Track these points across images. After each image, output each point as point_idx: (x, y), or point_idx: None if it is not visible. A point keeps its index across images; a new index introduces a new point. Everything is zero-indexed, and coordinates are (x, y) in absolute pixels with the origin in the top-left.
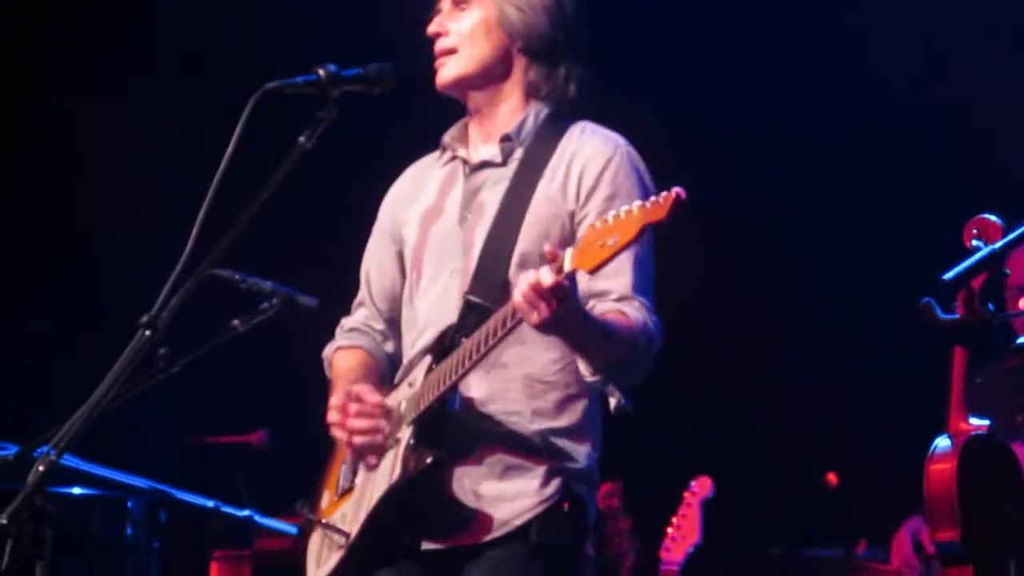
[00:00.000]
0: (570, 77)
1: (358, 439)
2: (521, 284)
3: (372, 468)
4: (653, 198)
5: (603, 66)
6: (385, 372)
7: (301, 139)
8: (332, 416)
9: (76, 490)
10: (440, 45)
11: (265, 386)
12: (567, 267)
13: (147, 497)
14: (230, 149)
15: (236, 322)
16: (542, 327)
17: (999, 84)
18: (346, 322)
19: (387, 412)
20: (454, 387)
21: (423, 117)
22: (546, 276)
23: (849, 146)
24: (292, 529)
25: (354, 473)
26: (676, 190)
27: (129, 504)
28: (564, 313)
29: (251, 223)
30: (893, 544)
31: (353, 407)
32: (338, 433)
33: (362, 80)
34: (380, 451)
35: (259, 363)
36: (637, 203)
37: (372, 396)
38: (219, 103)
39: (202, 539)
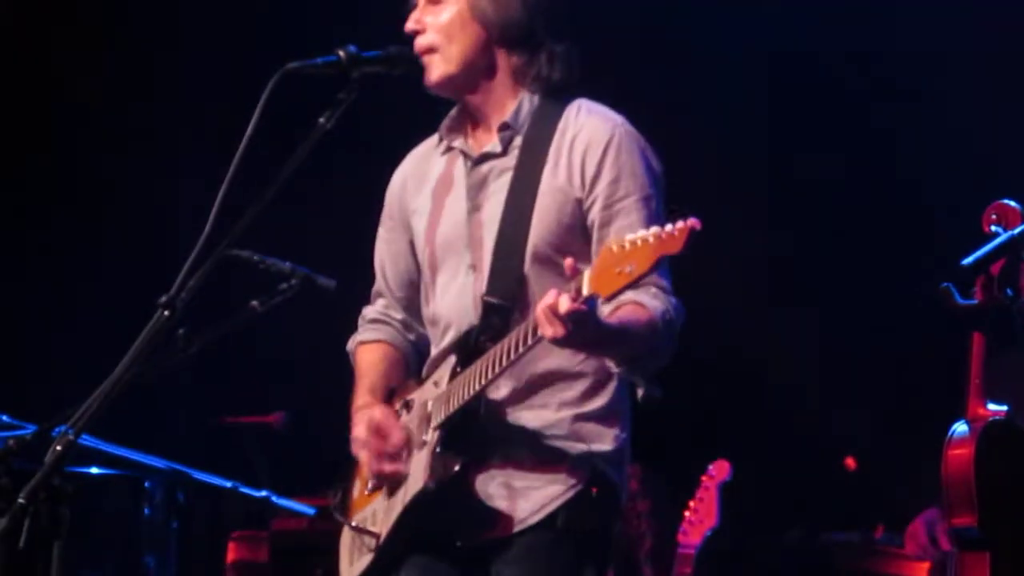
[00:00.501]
0: (553, 60)
1: (382, 478)
2: (541, 305)
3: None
4: (669, 227)
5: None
6: (411, 362)
7: (321, 120)
8: (357, 450)
9: (94, 470)
10: (419, 43)
11: (285, 367)
12: (585, 291)
13: (165, 477)
14: (250, 130)
15: (255, 303)
16: (560, 344)
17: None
18: (367, 312)
19: (409, 422)
20: (479, 394)
21: (436, 98)
22: (564, 303)
23: (866, 125)
24: (309, 510)
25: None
26: (691, 221)
27: (147, 484)
28: (582, 332)
29: (271, 204)
30: (908, 531)
31: (380, 447)
32: (364, 468)
33: (383, 61)
34: (404, 465)
35: (279, 344)
36: (654, 231)
37: (397, 434)
38: (239, 83)
39: (220, 519)
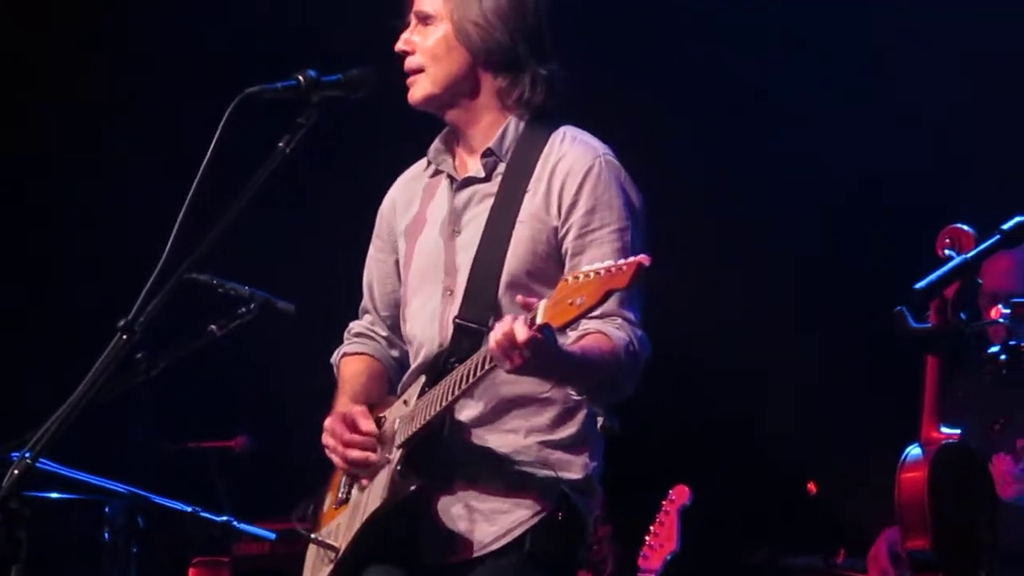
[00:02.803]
0: (536, 82)
1: (350, 467)
2: (496, 332)
3: (365, 488)
4: (621, 262)
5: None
6: (393, 377)
7: (280, 144)
8: (326, 439)
9: (54, 494)
10: (407, 64)
11: (247, 391)
12: (540, 320)
13: (126, 501)
14: (209, 154)
15: (214, 327)
16: (516, 372)
17: (980, 91)
18: (354, 326)
19: (379, 438)
20: (440, 415)
21: (405, 121)
22: (520, 331)
23: (827, 152)
24: (271, 535)
25: (351, 485)
26: (640, 257)
27: (107, 509)
28: (537, 360)
29: (230, 228)
30: (869, 554)
31: (346, 435)
32: (331, 456)
33: (342, 85)
34: (371, 474)
35: (241, 368)
36: (605, 265)
37: (365, 424)
38: (200, 106)
39: (181, 544)
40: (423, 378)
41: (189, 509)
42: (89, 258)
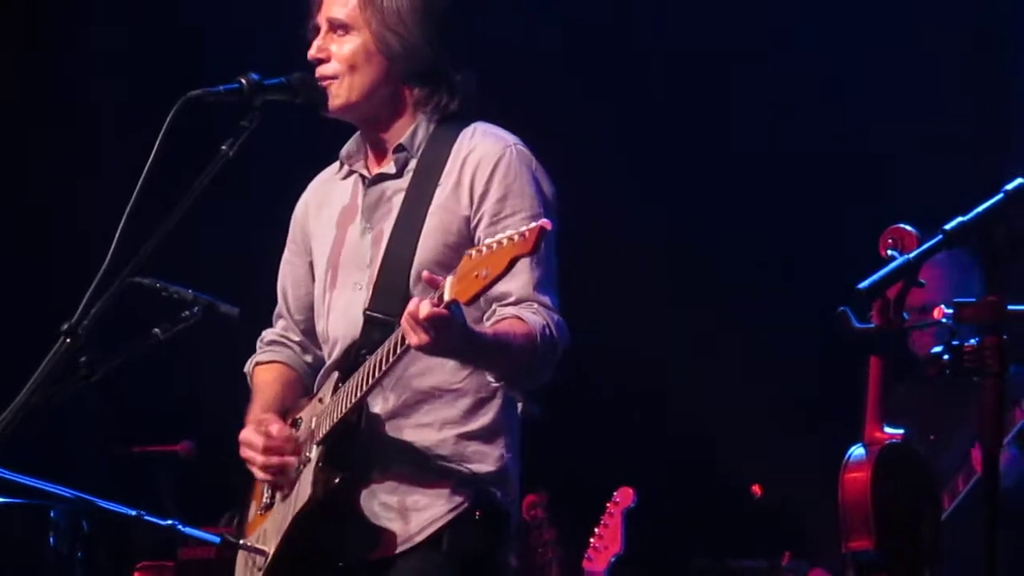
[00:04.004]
0: (454, 90)
1: (268, 476)
2: (405, 313)
3: (288, 491)
4: (523, 229)
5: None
6: (307, 382)
7: (223, 147)
8: (243, 451)
9: None
10: (322, 71)
11: (192, 395)
12: (446, 296)
13: (70, 506)
14: (152, 157)
15: (157, 330)
16: (428, 351)
17: (918, 92)
18: (266, 334)
19: (295, 444)
20: (356, 407)
21: (345, 123)
22: (424, 307)
23: (769, 153)
24: (216, 539)
25: (273, 492)
26: (541, 222)
27: (52, 513)
28: (447, 338)
29: (173, 231)
30: None
31: (262, 442)
32: (251, 468)
33: (284, 89)
34: (292, 480)
35: (186, 372)
36: (507, 234)
37: (279, 430)
38: (144, 109)
39: (126, 548)
40: (336, 374)
41: (134, 513)
42: (33, 262)
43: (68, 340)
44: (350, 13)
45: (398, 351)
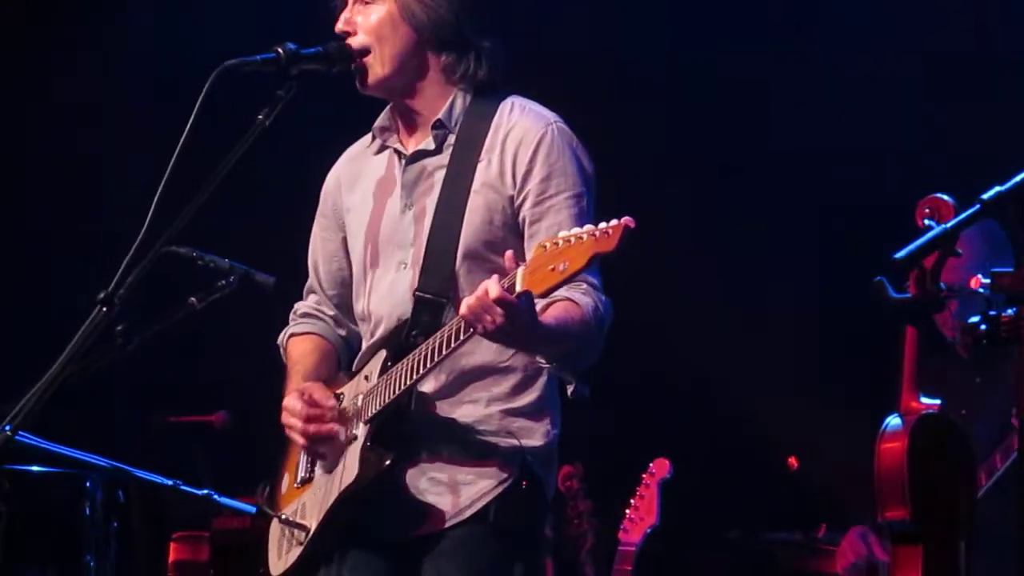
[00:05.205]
0: (481, 58)
1: (312, 444)
2: (469, 298)
3: (330, 468)
4: (604, 226)
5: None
6: (342, 356)
7: (259, 117)
8: (285, 418)
9: (34, 468)
10: (352, 44)
11: (227, 366)
12: (519, 287)
13: (106, 476)
14: (188, 126)
15: (193, 299)
16: (492, 338)
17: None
18: (299, 307)
19: (340, 413)
20: (411, 388)
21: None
22: (493, 289)
23: (800, 124)
24: (251, 508)
25: (313, 463)
26: (625, 220)
27: (87, 483)
28: (516, 327)
29: (209, 200)
30: (838, 551)
31: (306, 410)
32: (292, 435)
33: (321, 58)
34: (336, 451)
35: (221, 342)
36: (588, 229)
37: (325, 399)
38: (179, 80)
39: (161, 518)
40: (384, 353)
41: (170, 483)
42: (69, 232)
43: (104, 309)
44: None
45: (462, 336)
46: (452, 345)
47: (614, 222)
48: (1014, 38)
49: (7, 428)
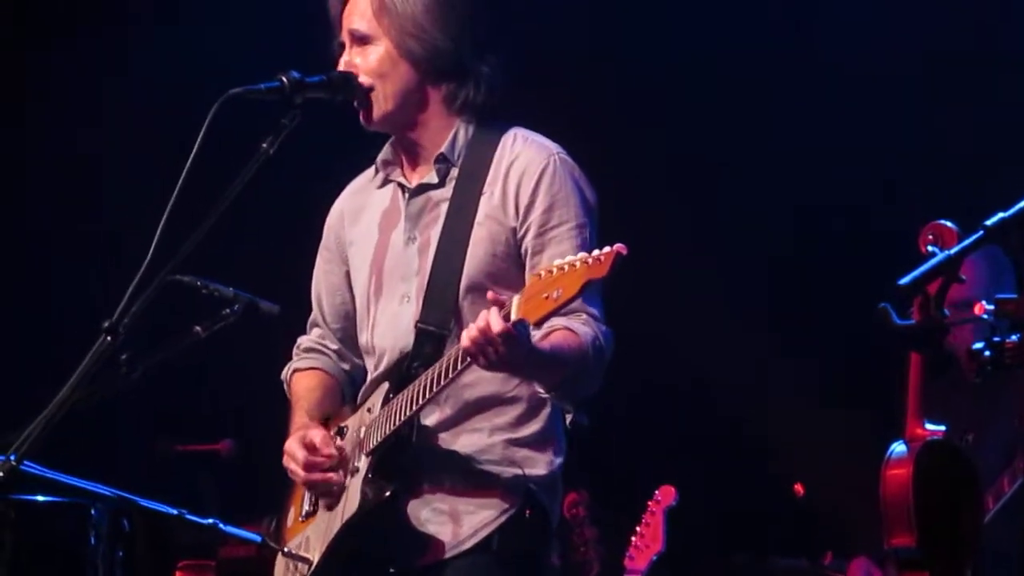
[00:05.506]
0: (480, 82)
1: (312, 488)
2: (470, 329)
3: (333, 501)
4: (596, 253)
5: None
6: (345, 390)
7: (264, 145)
8: (287, 461)
9: (39, 497)
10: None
11: (232, 394)
12: (514, 316)
13: (111, 505)
14: (193, 154)
15: (198, 328)
16: (490, 368)
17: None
18: (302, 341)
19: (338, 457)
20: (411, 420)
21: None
22: (495, 323)
23: (807, 149)
24: (256, 537)
25: (316, 498)
26: (617, 247)
27: (93, 512)
28: (513, 356)
29: (214, 229)
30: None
31: (305, 458)
32: (295, 479)
33: (325, 86)
34: (336, 492)
35: (227, 371)
36: (581, 256)
37: (324, 445)
38: (184, 108)
39: (166, 547)
40: (386, 384)
41: (175, 512)
42: (75, 262)
43: (109, 338)
44: (369, 24)
45: (459, 366)
46: (451, 375)
47: (606, 249)
48: (1014, 38)
49: (12, 457)
